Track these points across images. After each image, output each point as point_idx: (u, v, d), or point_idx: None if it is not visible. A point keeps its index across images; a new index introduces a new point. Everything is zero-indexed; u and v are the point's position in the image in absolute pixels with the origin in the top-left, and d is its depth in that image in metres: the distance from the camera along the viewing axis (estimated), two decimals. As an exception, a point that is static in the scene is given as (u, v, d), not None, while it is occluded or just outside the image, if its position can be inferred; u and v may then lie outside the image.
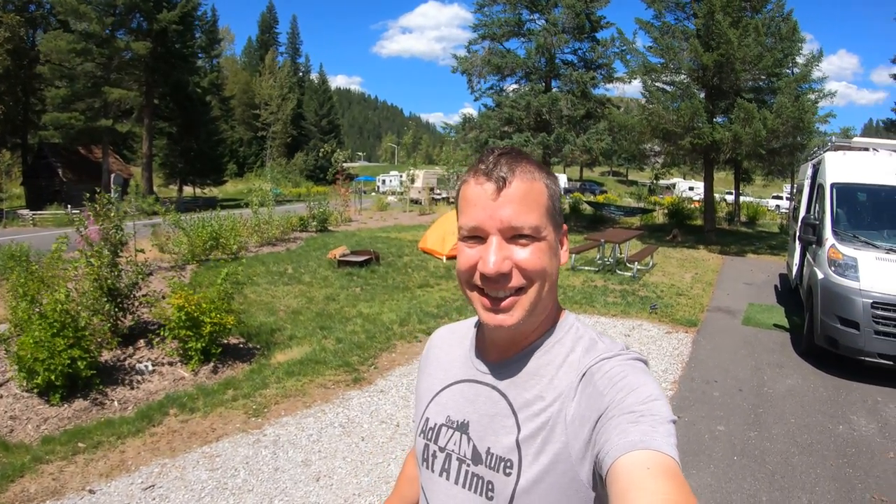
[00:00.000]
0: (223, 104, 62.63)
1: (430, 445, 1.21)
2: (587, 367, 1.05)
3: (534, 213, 1.05)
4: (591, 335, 1.13)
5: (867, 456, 5.36)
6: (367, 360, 7.33)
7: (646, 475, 0.82)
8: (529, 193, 1.05)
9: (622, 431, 0.90)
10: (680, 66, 21.54)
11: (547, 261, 1.07)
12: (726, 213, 32.52)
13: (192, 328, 6.71)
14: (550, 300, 1.13)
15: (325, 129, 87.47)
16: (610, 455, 0.88)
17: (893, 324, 7.09)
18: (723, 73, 20.04)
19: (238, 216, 16.23)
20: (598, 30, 25.01)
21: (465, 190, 1.10)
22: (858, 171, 9.03)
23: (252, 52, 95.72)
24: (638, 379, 0.99)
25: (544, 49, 23.59)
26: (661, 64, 22.26)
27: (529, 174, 1.07)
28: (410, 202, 35.72)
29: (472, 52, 25.02)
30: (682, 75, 22.09)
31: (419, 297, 10.70)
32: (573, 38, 24.42)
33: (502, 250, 1.04)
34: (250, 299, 9.86)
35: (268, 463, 4.73)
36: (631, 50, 23.03)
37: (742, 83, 20.69)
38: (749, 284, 13.82)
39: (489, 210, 1.04)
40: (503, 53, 24.58)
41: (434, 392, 1.27)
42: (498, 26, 24.41)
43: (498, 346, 1.17)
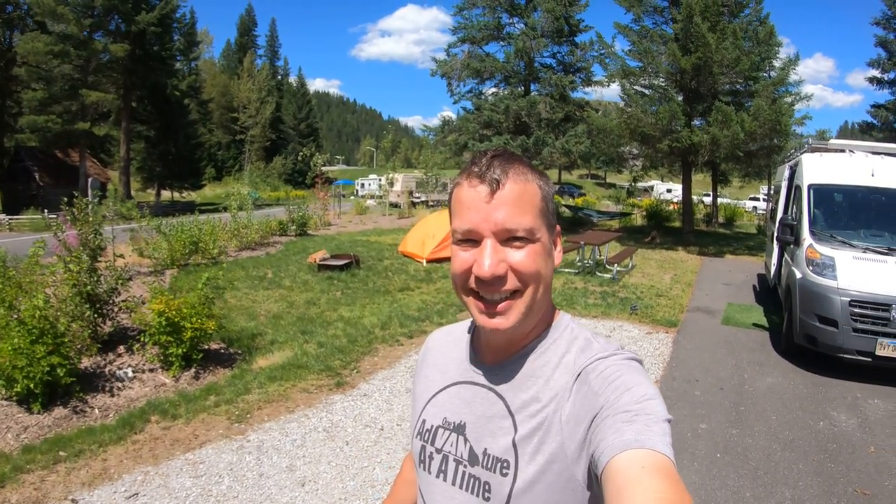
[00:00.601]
0: (201, 107, 62.22)
1: (426, 447, 1.21)
2: (582, 368, 1.05)
3: (528, 215, 1.05)
4: (586, 335, 1.14)
5: (848, 451, 5.45)
6: (349, 364, 7.30)
7: (641, 474, 0.82)
8: (523, 195, 1.05)
9: (617, 431, 0.90)
10: (658, 69, 21.76)
11: (541, 262, 1.07)
12: (704, 215, 32.84)
13: (172, 334, 6.61)
14: (545, 302, 1.13)
15: (303, 132, 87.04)
16: (605, 454, 0.89)
17: (871, 321, 7.21)
18: (701, 77, 20.24)
19: (217, 220, 16.08)
20: (576, 34, 25.17)
21: (458, 192, 1.10)
22: (835, 173, 9.17)
23: (231, 54, 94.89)
24: (632, 378, 0.99)
25: (523, 53, 23.66)
26: (640, 67, 22.46)
27: (522, 176, 1.07)
28: (389, 206, 35.65)
29: (451, 55, 25.06)
30: (661, 79, 22.31)
31: (400, 300, 10.68)
32: (552, 42, 24.52)
33: (497, 253, 1.04)
34: (230, 304, 9.79)
35: (252, 469, 4.68)
36: (610, 54, 23.21)
37: (720, 86, 20.91)
38: (728, 285, 13.95)
39: (483, 213, 1.04)
40: (482, 57, 24.64)
41: (431, 394, 1.27)
42: (477, 30, 24.44)
43: (494, 348, 1.17)
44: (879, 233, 8.40)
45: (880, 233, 8.40)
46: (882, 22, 29.74)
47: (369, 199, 45.87)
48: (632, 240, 21.15)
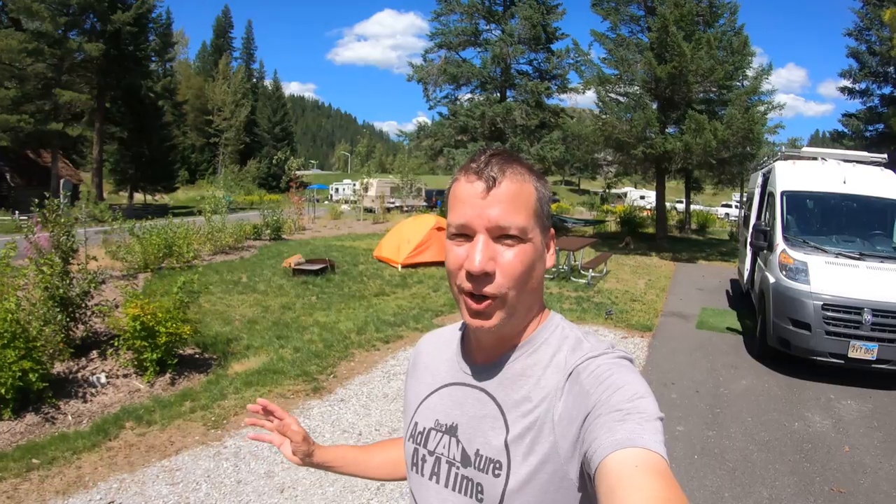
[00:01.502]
0: (176, 109, 61.28)
1: (419, 449, 1.21)
2: (573, 367, 1.05)
3: (521, 214, 1.05)
4: (577, 334, 1.13)
5: (823, 450, 5.55)
6: (325, 368, 7.23)
7: (634, 473, 0.81)
8: (519, 195, 1.06)
9: (609, 430, 0.90)
10: (633, 77, 22.00)
11: (532, 263, 1.07)
12: (677, 221, 33.24)
13: (147, 338, 6.47)
14: (535, 302, 1.13)
15: (278, 136, 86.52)
16: (598, 454, 0.88)
17: (843, 324, 7.36)
18: (675, 85, 20.50)
19: (191, 224, 15.92)
20: (553, 41, 25.33)
21: (455, 188, 1.10)
22: (808, 180, 9.34)
23: (206, 56, 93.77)
24: (624, 377, 0.99)
25: (500, 59, 23.79)
26: (616, 75, 22.71)
27: (520, 176, 1.07)
28: (364, 211, 35.55)
29: (428, 60, 25.10)
30: (636, 87, 22.55)
31: (375, 305, 10.62)
32: (529, 49, 24.67)
33: (488, 249, 1.04)
34: (205, 309, 9.66)
35: (230, 475, 4.61)
36: (586, 61, 23.44)
37: (694, 95, 21.20)
38: (701, 290, 14.12)
39: (477, 208, 1.04)
40: (459, 63, 24.72)
41: (422, 397, 1.27)
42: (454, 35, 24.50)
43: (484, 348, 1.17)
44: (851, 238, 8.57)
45: (852, 238, 8.57)
46: (854, 33, 30.29)
47: (344, 203, 45.70)
48: (606, 246, 21.32)
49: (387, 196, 40.11)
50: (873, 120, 29.91)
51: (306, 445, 1.45)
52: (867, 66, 29.83)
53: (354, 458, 1.52)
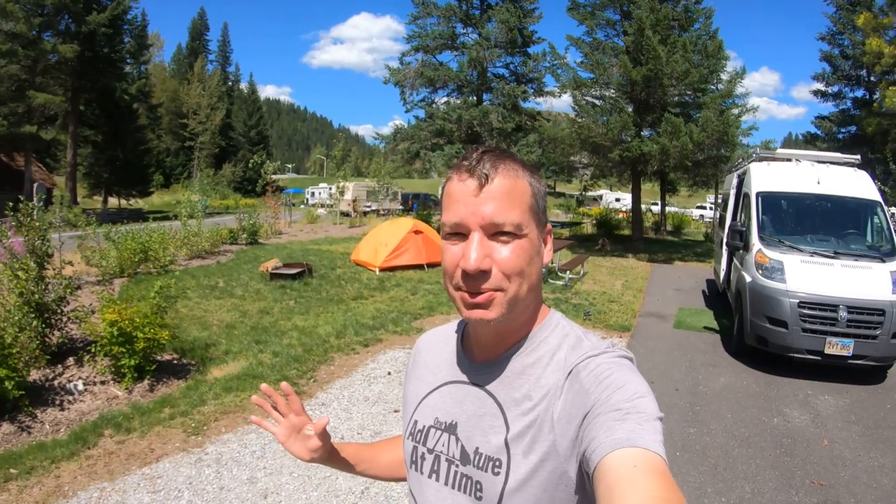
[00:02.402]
0: (150, 112, 60.66)
1: (418, 447, 1.21)
2: (573, 365, 1.04)
3: (516, 210, 1.04)
4: (577, 333, 1.13)
5: (803, 445, 5.65)
6: (305, 373, 7.18)
7: (633, 473, 0.81)
8: (512, 191, 1.05)
9: (608, 429, 0.89)
10: (609, 81, 22.20)
11: (528, 259, 1.06)
12: (653, 223, 33.48)
13: (125, 344, 6.35)
14: (532, 299, 1.12)
15: (253, 139, 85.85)
16: (597, 453, 0.88)
17: (819, 321, 7.51)
18: (651, 88, 20.72)
19: (167, 228, 15.75)
20: (529, 45, 25.47)
21: (448, 187, 1.09)
22: (782, 181, 9.48)
23: (181, 59, 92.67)
24: (624, 376, 0.98)
25: (477, 62, 23.86)
26: (592, 79, 22.91)
27: (513, 172, 1.07)
28: (340, 215, 35.41)
29: (405, 63, 25.07)
30: (612, 90, 22.78)
31: (354, 309, 10.57)
32: (505, 53, 24.79)
33: (483, 247, 1.03)
34: (182, 314, 9.54)
35: (212, 482, 4.55)
36: (562, 65, 23.61)
37: (669, 98, 21.46)
38: (678, 290, 14.25)
39: (471, 206, 1.04)
40: (436, 66, 24.74)
41: (422, 395, 1.26)
42: (431, 39, 24.51)
43: (483, 345, 1.17)
44: (825, 237, 8.72)
45: (826, 238, 8.72)
46: (827, 37, 30.89)
47: (320, 207, 45.50)
48: (582, 247, 21.45)
49: (363, 200, 39.95)
50: (846, 122, 30.53)
51: (326, 440, 1.36)
52: (840, 70, 30.44)
53: (367, 457, 1.50)
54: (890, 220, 8.94)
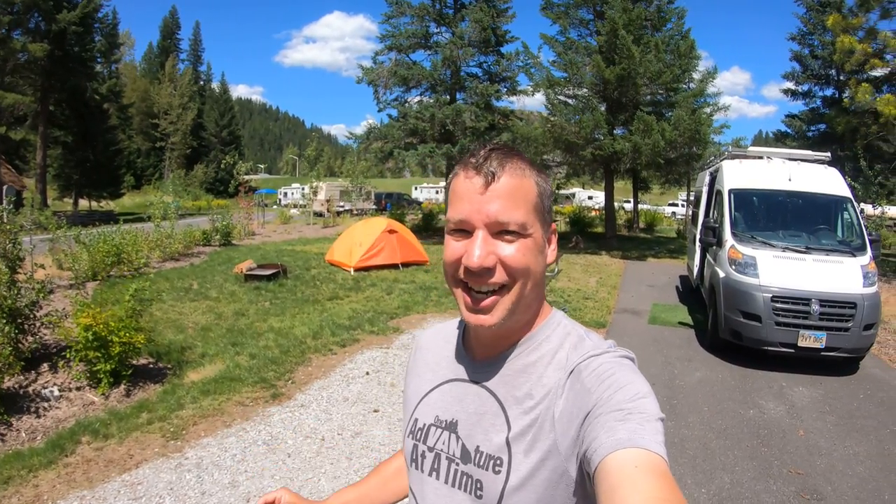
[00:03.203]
0: (121, 112, 59.54)
1: (418, 446, 1.20)
2: (575, 365, 1.04)
3: (521, 210, 1.04)
4: (579, 332, 1.12)
5: (779, 435, 5.75)
6: (283, 374, 7.10)
7: (634, 473, 0.81)
8: (518, 189, 1.05)
9: (610, 429, 0.89)
10: (582, 80, 22.37)
11: (532, 258, 1.06)
12: (625, 221, 33.80)
13: (100, 349, 6.24)
14: (535, 298, 1.12)
15: (225, 140, 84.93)
16: (598, 453, 0.87)
17: (792, 315, 7.66)
18: (623, 87, 20.90)
19: (140, 230, 15.54)
20: (503, 44, 25.51)
21: (454, 183, 1.09)
22: (754, 178, 9.62)
23: (152, 58, 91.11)
24: (626, 376, 0.98)
25: (450, 61, 23.85)
26: (565, 78, 23.04)
27: (519, 170, 1.06)
28: (314, 215, 35.22)
29: (378, 63, 24.98)
30: (585, 89, 22.95)
31: (330, 309, 10.51)
32: (479, 52, 24.81)
33: (487, 245, 1.03)
34: (157, 317, 9.40)
35: (193, 487, 4.48)
36: (535, 64, 23.76)
37: (642, 97, 21.68)
38: (652, 286, 14.41)
39: (476, 204, 1.03)
40: (409, 65, 24.68)
41: (423, 393, 1.26)
42: (405, 38, 24.45)
43: (484, 344, 1.16)
44: (797, 233, 8.87)
45: (798, 233, 8.87)
46: (797, 38, 31.41)
47: (293, 208, 45.22)
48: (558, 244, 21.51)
49: (336, 200, 39.78)
50: (815, 120, 31.02)
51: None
52: (810, 69, 30.93)
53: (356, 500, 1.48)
54: (860, 215, 9.11)
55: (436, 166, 32.39)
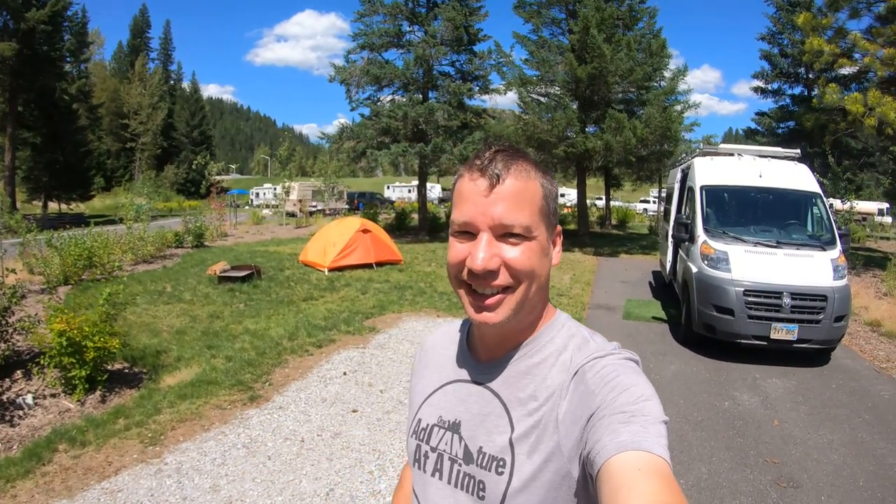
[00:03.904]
0: (91, 113, 58.49)
1: (421, 446, 1.20)
2: (579, 366, 1.04)
3: (525, 212, 1.04)
4: (584, 334, 1.13)
5: (754, 426, 5.86)
6: (260, 377, 7.03)
7: (637, 476, 0.81)
8: (523, 192, 1.05)
9: (613, 431, 0.89)
10: (555, 78, 22.51)
11: (536, 261, 1.06)
12: (598, 217, 34.09)
13: (74, 354, 6.16)
14: (539, 300, 1.12)
15: (196, 140, 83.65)
16: (601, 455, 0.87)
17: (765, 308, 7.81)
18: (595, 86, 21.09)
19: (112, 233, 15.32)
20: (475, 42, 25.49)
21: (459, 184, 1.09)
22: (725, 174, 9.77)
23: (122, 57, 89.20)
24: (629, 378, 0.98)
25: (423, 60, 23.78)
26: (537, 76, 23.20)
27: (525, 173, 1.06)
28: (286, 215, 35.02)
29: (350, 61, 24.82)
30: (557, 87, 23.10)
31: (305, 310, 10.45)
32: (451, 50, 24.76)
33: (491, 247, 1.03)
34: (130, 321, 9.27)
35: (174, 493, 4.42)
36: (508, 62, 23.83)
37: (613, 95, 21.90)
38: (625, 282, 14.54)
39: (481, 206, 1.03)
40: (382, 64, 24.56)
41: (427, 394, 1.26)
42: (377, 36, 24.32)
43: (488, 345, 1.17)
44: (768, 228, 9.02)
45: (769, 228, 9.02)
46: (767, 37, 31.92)
47: (265, 208, 44.90)
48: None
49: (309, 200, 39.57)
50: (785, 118, 31.56)
51: None
52: (779, 68, 31.42)
53: None
54: (829, 210, 9.28)
55: (408, 165, 32.32)
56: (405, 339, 8.70)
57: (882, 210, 41.77)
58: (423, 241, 23.83)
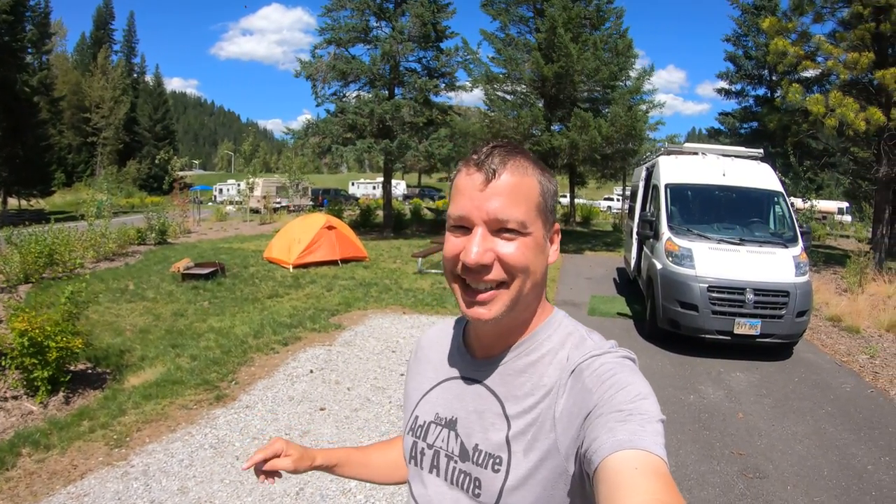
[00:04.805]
0: (52, 106, 56.77)
1: (418, 443, 1.21)
2: (576, 364, 1.04)
3: (521, 208, 1.04)
4: (581, 332, 1.13)
5: (719, 419, 5.97)
6: (226, 375, 6.94)
7: (634, 475, 0.81)
8: (519, 188, 1.04)
9: (610, 430, 0.88)
10: (521, 76, 22.66)
11: (531, 257, 1.05)
12: (562, 215, 34.25)
13: (36, 355, 6.00)
14: (535, 297, 1.12)
15: (159, 135, 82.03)
16: (598, 454, 0.87)
17: (728, 304, 7.95)
18: (562, 84, 21.26)
19: (73, 230, 15.00)
20: (443, 39, 25.43)
21: (457, 179, 1.09)
22: (690, 173, 9.91)
23: (85, 49, 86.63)
24: (627, 377, 0.98)
25: (390, 56, 23.69)
26: (504, 74, 23.30)
27: (522, 169, 1.06)
28: (250, 212, 34.67)
29: (317, 57, 24.62)
30: (523, 85, 23.22)
31: (270, 307, 10.35)
32: (418, 47, 24.70)
33: (485, 242, 1.03)
34: (93, 320, 9.08)
35: (142, 496, 4.33)
36: (474, 60, 23.90)
37: (579, 94, 22.12)
38: (589, 279, 14.69)
39: (476, 201, 1.03)
40: (348, 59, 24.37)
41: (423, 391, 1.26)
42: (345, 32, 24.11)
43: (484, 342, 1.17)
44: (731, 226, 9.18)
45: (732, 226, 9.18)
46: (732, 39, 32.51)
47: (229, 204, 44.42)
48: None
49: (273, 196, 39.20)
50: (748, 118, 32.15)
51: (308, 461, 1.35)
52: (743, 69, 31.98)
53: (357, 460, 1.46)
54: (791, 209, 9.47)
55: (373, 162, 32.20)
56: (371, 336, 8.67)
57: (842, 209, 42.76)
58: (388, 237, 23.81)
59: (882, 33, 16.26)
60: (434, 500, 1.15)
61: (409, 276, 13.92)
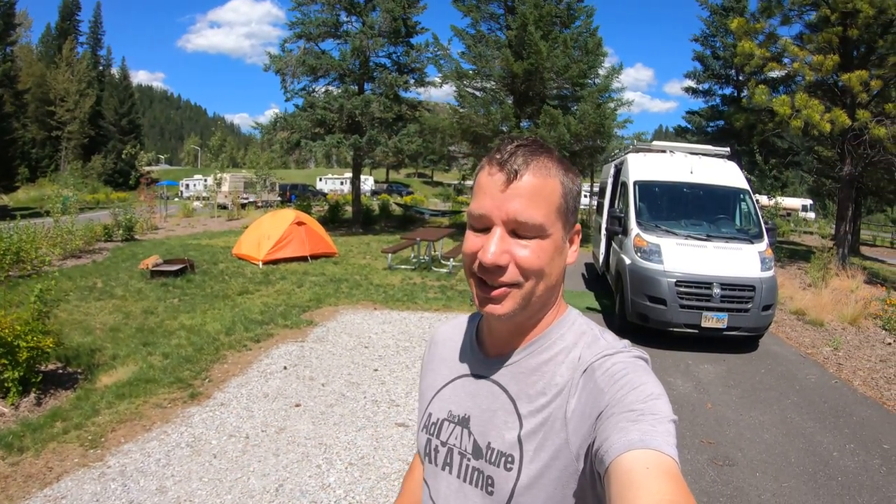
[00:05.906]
0: (16, 99, 55.58)
1: (432, 440, 1.21)
2: (588, 364, 1.03)
3: (541, 210, 1.03)
4: (594, 332, 1.12)
5: (689, 409, 6.15)
6: (199, 373, 6.90)
7: (645, 475, 0.80)
8: (541, 189, 1.04)
9: (622, 430, 0.88)
10: (491, 73, 22.73)
11: (547, 260, 1.05)
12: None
13: (6, 356, 5.86)
14: (550, 297, 1.11)
15: (125, 129, 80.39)
16: (609, 454, 0.87)
17: (695, 298, 8.16)
18: (531, 81, 21.40)
19: (40, 226, 14.72)
20: (413, 34, 25.40)
21: (479, 176, 1.09)
22: (658, 170, 10.10)
23: (50, 40, 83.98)
24: (639, 377, 0.97)
25: (360, 51, 23.62)
26: (474, 70, 23.37)
27: (545, 169, 1.05)
28: (218, 207, 34.31)
29: (286, 51, 24.46)
30: (493, 82, 23.30)
31: (241, 304, 10.27)
32: (389, 42, 24.65)
33: (503, 243, 1.03)
34: (62, 318, 8.88)
35: (120, 497, 4.29)
36: (445, 56, 23.97)
37: (549, 91, 22.28)
38: (559, 274, 14.75)
39: (497, 201, 1.03)
40: (318, 54, 24.24)
41: (437, 388, 1.27)
42: (315, 26, 23.95)
43: (498, 340, 1.17)
44: (698, 222, 9.38)
45: (699, 222, 9.39)
46: (700, 39, 33.00)
47: (196, 200, 43.87)
48: (463, 236, 21.79)
49: (240, 191, 38.78)
50: (715, 117, 32.74)
51: None
52: (711, 69, 32.53)
53: None
54: (756, 206, 9.69)
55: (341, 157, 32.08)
56: (343, 332, 8.68)
57: (806, 206, 43.67)
58: (357, 233, 23.77)
59: (849, 37, 16.65)
60: (448, 497, 1.16)
61: (379, 271, 13.93)
